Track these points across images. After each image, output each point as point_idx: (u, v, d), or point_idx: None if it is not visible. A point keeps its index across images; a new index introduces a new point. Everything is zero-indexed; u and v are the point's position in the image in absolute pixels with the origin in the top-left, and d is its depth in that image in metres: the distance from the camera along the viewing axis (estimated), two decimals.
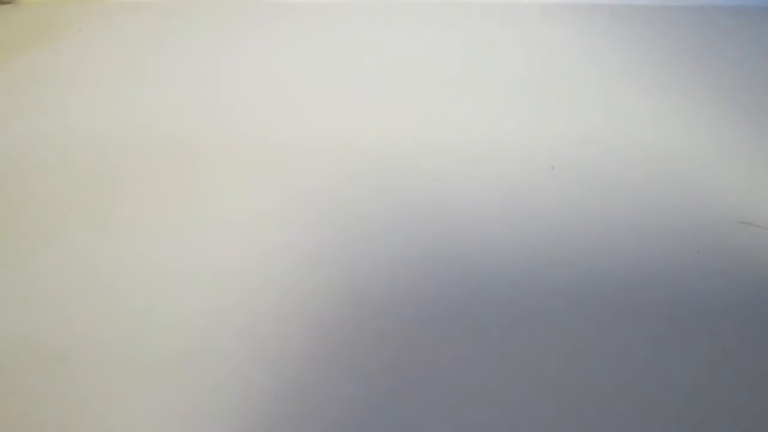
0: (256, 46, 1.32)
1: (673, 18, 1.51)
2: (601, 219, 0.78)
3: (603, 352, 0.61)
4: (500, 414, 0.56)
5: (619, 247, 0.73)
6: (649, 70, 1.21)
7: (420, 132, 0.97)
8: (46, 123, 1.00)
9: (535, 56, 1.27)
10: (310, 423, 0.55)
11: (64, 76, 1.18)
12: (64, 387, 0.58)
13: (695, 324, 0.64)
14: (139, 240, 0.74)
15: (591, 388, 0.58)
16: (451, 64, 1.23)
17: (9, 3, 1.62)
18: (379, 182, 0.85)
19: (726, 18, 1.52)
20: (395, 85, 1.13)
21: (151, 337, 0.62)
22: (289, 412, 0.56)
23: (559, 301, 0.66)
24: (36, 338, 0.62)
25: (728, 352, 0.61)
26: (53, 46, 1.33)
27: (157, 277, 0.69)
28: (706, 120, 1.01)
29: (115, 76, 1.18)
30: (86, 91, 1.11)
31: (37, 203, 0.81)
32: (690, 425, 0.55)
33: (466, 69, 1.21)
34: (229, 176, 0.86)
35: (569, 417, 0.56)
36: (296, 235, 0.75)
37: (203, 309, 0.65)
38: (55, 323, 0.64)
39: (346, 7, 1.58)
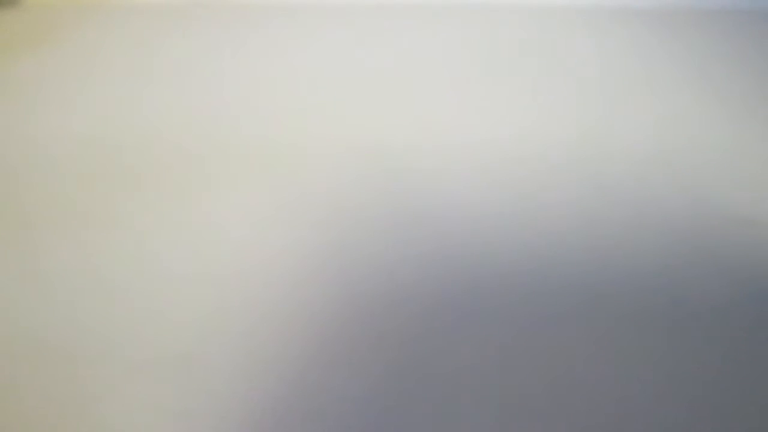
0: (258, 48, 1.32)
1: (673, 20, 1.51)
2: (600, 219, 0.78)
3: (603, 351, 0.61)
4: (501, 414, 0.56)
5: (618, 246, 0.73)
6: (649, 71, 1.21)
7: (421, 133, 0.97)
8: (49, 124, 1.01)
9: (534, 58, 1.27)
10: (311, 423, 0.55)
11: (68, 77, 1.18)
12: (63, 386, 0.58)
13: (695, 323, 0.64)
14: (140, 240, 0.75)
15: (591, 387, 0.58)
16: (451, 67, 1.23)
17: (13, 5, 1.63)
18: (379, 183, 0.85)
19: (726, 20, 1.51)
20: (395, 87, 1.14)
21: (152, 337, 0.62)
22: (290, 412, 0.56)
23: (558, 302, 0.66)
24: (36, 337, 0.62)
25: (728, 352, 0.61)
26: (57, 47, 1.34)
27: (158, 277, 0.69)
28: (706, 120, 1.01)
29: (118, 77, 1.18)
30: (89, 93, 1.11)
31: (40, 203, 0.81)
32: (689, 425, 0.55)
33: (466, 71, 1.21)
34: (230, 177, 0.86)
35: (569, 416, 0.56)
36: (298, 236, 0.75)
37: (204, 309, 0.65)
38: (56, 323, 0.64)
39: (347, 10, 1.58)
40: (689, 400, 0.57)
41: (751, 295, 0.67)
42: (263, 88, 1.13)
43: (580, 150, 0.92)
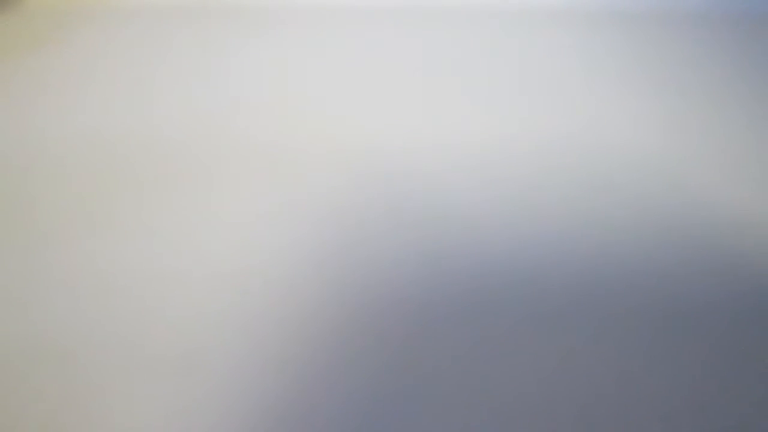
0: (258, 49, 1.33)
1: (673, 24, 1.51)
2: (600, 220, 0.78)
3: (603, 352, 0.61)
4: (500, 414, 0.56)
5: (618, 247, 0.74)
6: (649, 73, 1.21)
7: (419, 134, 0.97)
8: (49, 124, 1.01)
9: (534, 60, 1.27)
10: (311, 423, 0.55)
11: (67, 79, 1.19)
12: (64, 387, 0.58)
13: (695, 324, 0.64)
14: (140, 240, 0.75)
15: (591, 388, 0.58)
16: (450, 68, 1.23)
17: (14, 6, 1.63)
18: (379, 183, 0.85)
19: (725, 25, 1.52)
20: (395, 88, 1.14)
21: (152, 337, 0.62)
22: (289, 411, 0.56)
23: (558, 302, 0.66)
24: (36, 338, 0.62)
25: (728, 352, 0.61)
26: (58, 49, 1.34)
27: (158, 277, 0.69)
28: (705, 121, 1.01)
29: (119, 79, 1.18)
30: (90, 95, 1.11)
31: (39, 203, 0.81)
32: (689, 425, 0.55)
33: (465, 72, 1.21)
34: (230, 178, 0.87)
35: (569, 416, 0.56)
36: (297, 236, 0.75)
37: (204, 309, 0.66)
38: (56, 323, 0.64)
39: (347, 11, 1.58)
40: (688, 400, 0.57)
41: (751, 295, 0.67)
42: (263, 89, 1.13)
43: (579, 151, 0.92)
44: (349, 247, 0.74)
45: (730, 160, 0.91)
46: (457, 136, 0.97)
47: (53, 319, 0.64)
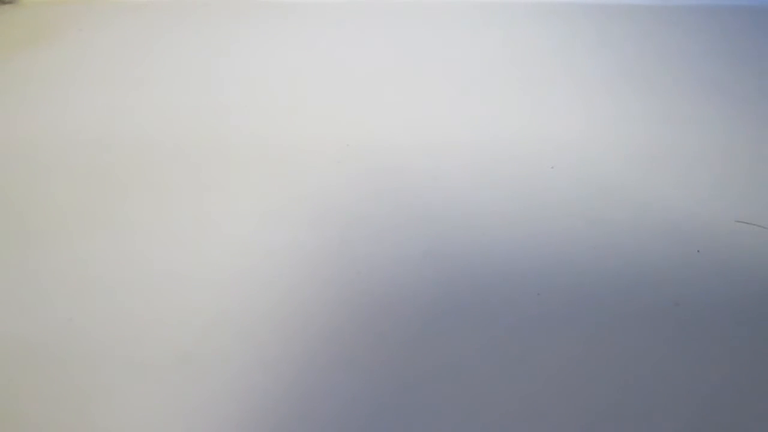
0: (256, 46, 1.32)
1: (673, 17, 1.51)
2: (601, 218, 0.78)
3: (603, 351, 0.61)
4: (501, 415, 0.56)
5: (618, 246, 0.73)
6: (648, 70, 1.21)
7: (420, 132, 0.97)
8: (45, 123, 1.00)
9: (534, 56, 1.27)
10: (311, 423, 0.55)
11: (64, 75, 1.18)
12: (63, 387, 0.58)
13: (695, 324, 0.64)
14: (139, 240, 0.74)
15: (591, 387, 0.58)
16: (450, 65, 1.23)
17: (9, 3, 1.62)
18: (379, 182, 0.85)
19: (725, 17, 1.51)
20: (395, 85, 1.13)
21: (151, 337, 0.62)
22: (289, 412, 0.56)
23: (559, 301, 0.66)
24: (36, 338, 0.62)
25: (728, 352, 0.61)
26: (53, 45, 1.33)
27: (157, 277, 0.69)
28: (705, 119, 1.01)
29: (115, 76, 1.18)
30: (86, 91, 1.11)
31: (37, 203, 0.81)
32: (689, 425, 0.55)
33: (465, 69, 1.21)
34: (228, 177, 0.86)
35: (569, 417, 0.56)
36: (296, 236, 0.75)
37: (203, 309, 0.65)
38: (55, 323, 0.64)
39: (346, 7, 1.58)
40: (689, 401, 0.57)
41: (751, 295, 0.67)
42: (261, 86, 1.13)
43: (581, 149, 0.92)
44: (350, 245, 0.74)
45: (737, 159, 0.90)
46: (460, 134, 0.96)
47: (51, 320, 0.64)
